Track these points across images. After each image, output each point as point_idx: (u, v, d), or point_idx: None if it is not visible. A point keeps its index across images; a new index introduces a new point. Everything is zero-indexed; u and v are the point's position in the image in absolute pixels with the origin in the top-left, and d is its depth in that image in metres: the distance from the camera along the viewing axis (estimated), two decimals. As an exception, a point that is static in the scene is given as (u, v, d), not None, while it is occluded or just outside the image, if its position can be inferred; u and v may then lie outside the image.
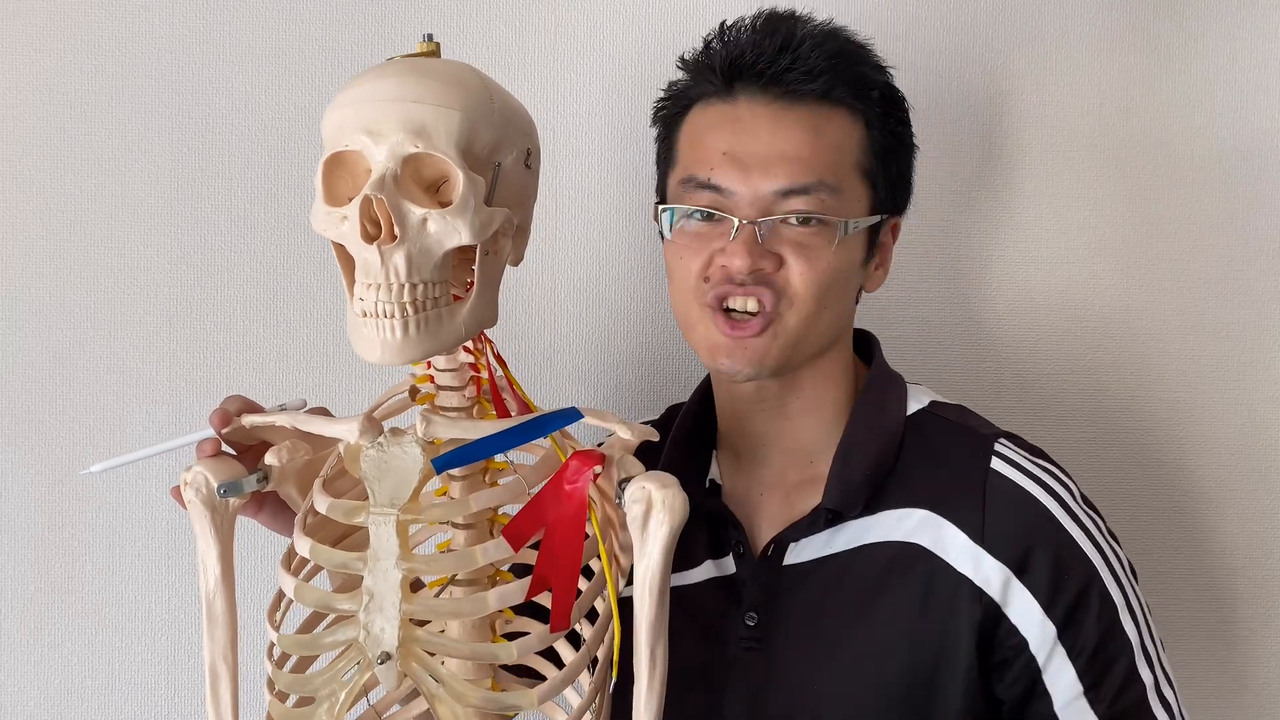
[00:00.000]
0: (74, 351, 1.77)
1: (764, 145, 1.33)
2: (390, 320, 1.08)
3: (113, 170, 1.77)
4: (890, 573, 1.33)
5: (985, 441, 1.37)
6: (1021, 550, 1.31)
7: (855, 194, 1.36)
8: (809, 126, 1.34)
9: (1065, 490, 1.36)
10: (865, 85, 1.37)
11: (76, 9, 1.77)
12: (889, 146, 1.39)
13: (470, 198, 1.08)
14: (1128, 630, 1.34)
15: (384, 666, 1.12)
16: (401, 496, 1.14)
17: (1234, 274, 1.72)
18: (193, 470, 1.21)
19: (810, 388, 1.41)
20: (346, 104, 1.10)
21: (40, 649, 1.78)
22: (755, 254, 1.32)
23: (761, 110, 1.35)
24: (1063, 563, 1.32)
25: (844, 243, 1.34)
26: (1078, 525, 1.34)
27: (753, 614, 1.36)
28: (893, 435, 1.39)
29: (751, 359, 1.34)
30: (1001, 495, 1.33)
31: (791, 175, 1.32)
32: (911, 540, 1.33)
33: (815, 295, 1.33)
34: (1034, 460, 1.37)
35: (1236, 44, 1.72)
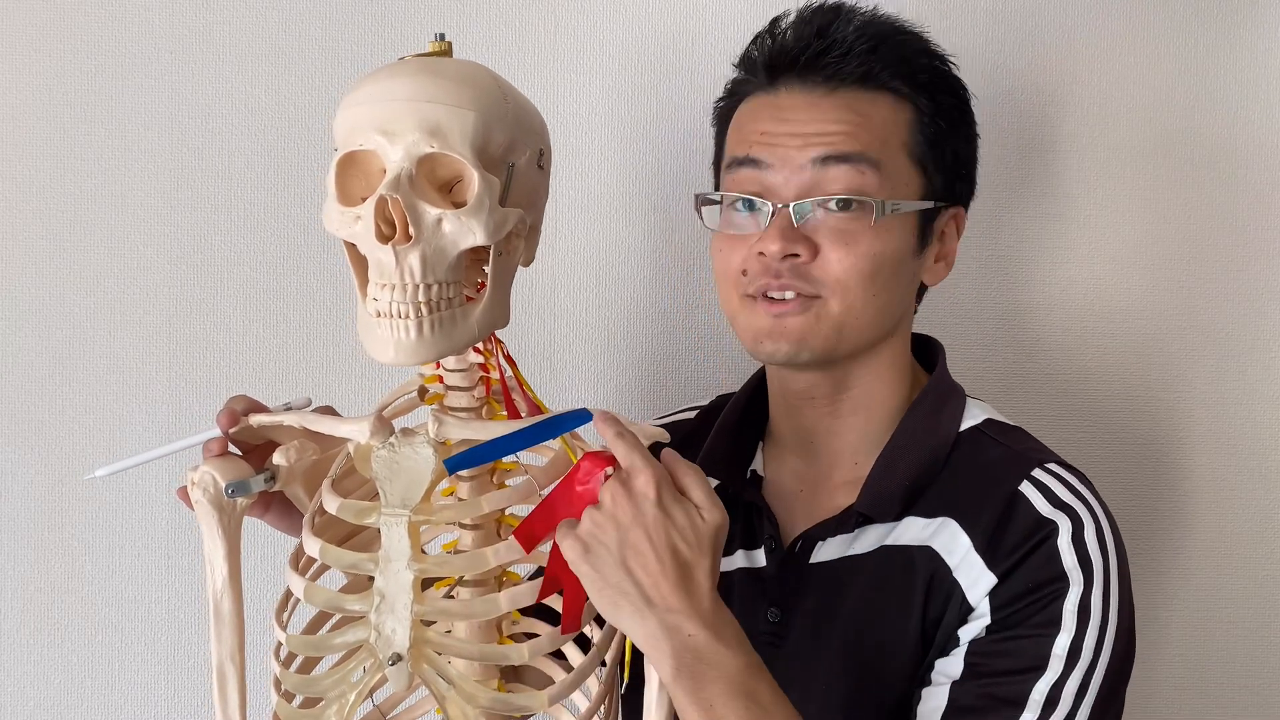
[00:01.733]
0: (74, 351, 1.77)
1: (803, 124, 1.32)
2: (405, 321, 1.08)
3: (113, 170, 1.77)
4: (901, 574, 1.31)
5: (1026, 465, 1.32)
6: (1012, 565, 1.27)
7: (903, 176, 1.33)
8: (850, 108, 1.32)
9: (1089, 523, 1.28)
10: (911, 69, 1.35)
11: (76, 9, 1.76)
12: (941, 132, 1.36)
13: (485, 198, 1.08)
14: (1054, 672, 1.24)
15: (395, 668, 1.12)
16: (413, 497, 1.14)
17: (1234, 274, 1.73)
18: (200, 470, 1.21)
19: (861, 386, 1.38)
20: (360, 103, 1.09)
21: (40, 649, 1.77)
22: (789, 237, 1.29)
23: (801, 98, 1.34)
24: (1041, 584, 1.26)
25: (887, 225, 1.31)
26: (1079, 562, 1.26)
27: (774, 610, 1.36)
28: (940, 448, 1.36)
29: (793, 338, 1.31)
30: (1019, 515, 1.29)
31: (832, 144, 1.31)
32: (925, 543, 1.32)
33: (859, 280, 1.30)
34: (1070, 488, 1.31)
35: (1238, 44, 1.72)
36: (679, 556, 1.10)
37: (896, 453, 1.35)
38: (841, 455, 1.40)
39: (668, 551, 1.09)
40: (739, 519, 1.41)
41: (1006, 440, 1.37)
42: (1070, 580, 1.25)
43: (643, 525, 1.09)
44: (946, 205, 1.38)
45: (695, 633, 1.10)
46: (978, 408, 1.40)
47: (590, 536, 1.10)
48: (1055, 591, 1.25)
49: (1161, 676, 1.74)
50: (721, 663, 1.10)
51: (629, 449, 1.11)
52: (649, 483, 1.10)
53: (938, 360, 1.43)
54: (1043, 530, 1.27)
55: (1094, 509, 1.30)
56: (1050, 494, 1.30)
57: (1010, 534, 1.28)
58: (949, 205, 1.38)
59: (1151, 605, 1.74)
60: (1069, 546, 1.26)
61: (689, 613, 1.10)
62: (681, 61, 1.74)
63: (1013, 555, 1.27)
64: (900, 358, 1.40)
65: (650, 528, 1.09)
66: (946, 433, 1.37)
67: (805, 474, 1.42)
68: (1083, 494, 1.30)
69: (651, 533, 1.09)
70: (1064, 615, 1.24)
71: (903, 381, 1.40)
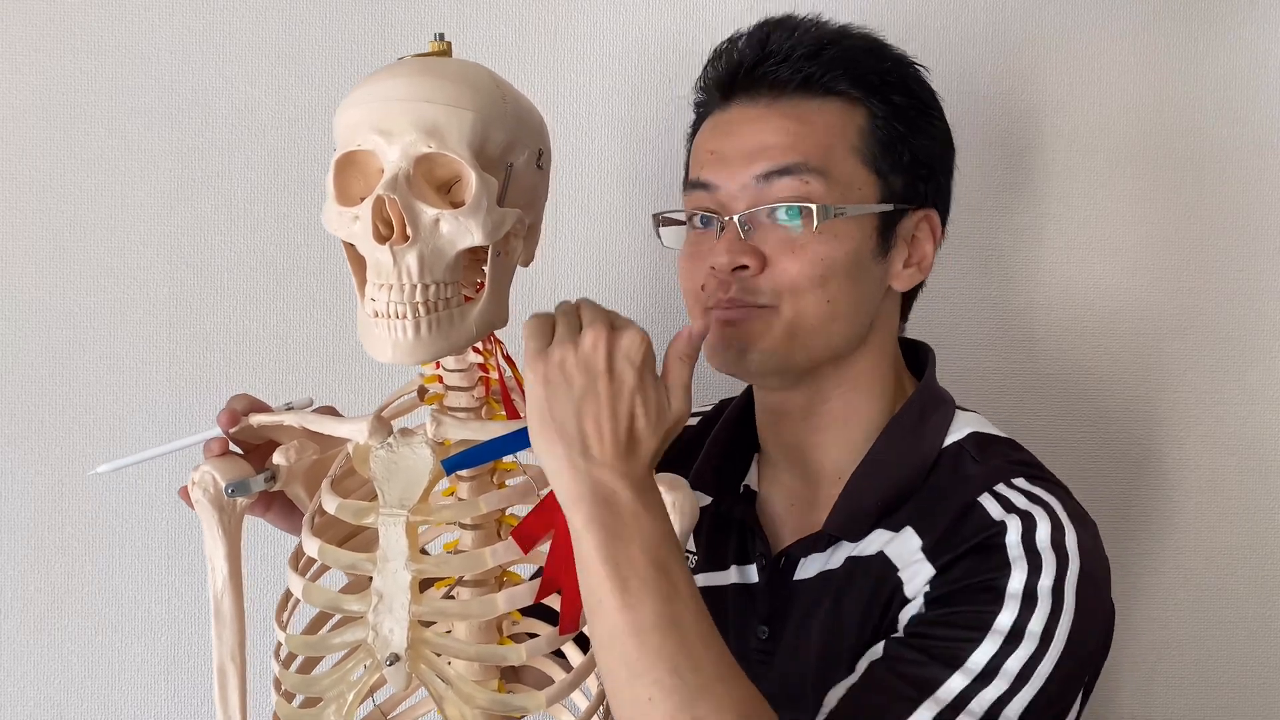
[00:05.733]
0: (74, 351, 1.77)
1: (747, 140, 1.33)
2: (402, 321, 1.08)
3: (113, 170, 1.77)
4: (861, 584, 1.29)
5: (994, 478, 1.28)
6: (953, 558, 1.24)
7: (854, 180, 1.32)
8: (793, 116, 1.32)
9: (1042, 523, 1.23)
10: (859, 70, 1.33)
11: (76, 9, 1.76)
12: (898, 135, 1.34)
13: (483, 198, 1.08)
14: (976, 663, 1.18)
15: (393, 668, 1.12)
16: (411, 497, 1.14)
17: (1234, 274, 1.73)
18: (200, 470, 1.22)
19: (838, 399, 1.36)
20: (359, 103, 1.09)
21: (40, 649, 1.77)
22: (736, 249, 1.29)
23: (749, 111, 1.34)
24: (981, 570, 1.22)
25: (835, 230, 1.29)
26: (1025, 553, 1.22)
27: (764, 626, 1.35)
28: (920, 465, 1.33)
29: (738, 343, 1.30)
30: (971, 519, 1.25)
31: (772, 158, 1.30)
32: (881, 550, 1.29)
33: (809, 285, 1.29)
34: (1031, 496, 1.26)
35: (1238, 44, 1.72)
36: (634, 426, 1.09)
37: (869, 473, 1.33)
38: (825, 470, 1.38)
39: (626, 417, 1.08)
40: (732, 537, 1.41)
41: (986, 456, 1.32)
42: (1013, 566, 1.21)
43: (614, 384, 1.08)
44: (911, 208, 1.36)
45: (622, 492, 1.07)
46: (965, 420, 1.37)
47: (557, 368, 1.09)
48: (997, 577, 1.21)
49: (1161, 676, 1.74)
50: (641, 526, 1.07)
51: (628, 319, 1.11)
52: (636, 348, 1.09)
53: (925, 369, 1.40)
54: (990, 529, 1.23)
55: (1054, 512, 1.25)
56: (1007, 502, 1.26)
57: (958, 534, 1.25)
58: (914, 208, 1.36)
59: (1151, 605, 1.74)
60: (1017, 541, 1.22)
61: (621, 473, 1.08)
62: (681, 62, 1.74)
63: (954, 550, 1.24)
64: (879, 368, 1.37)
65: (619, 388, 1.08)
66: (927, 450, 1.34)
67: (795, 489, 1.40)
68: (1044, 500, 1.26)
69: (619, 394, 1.08)
70: (1006, 596, 1.19)
71: (884, 393, 1.37)
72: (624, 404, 1.08)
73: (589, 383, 1.08)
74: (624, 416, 1.08)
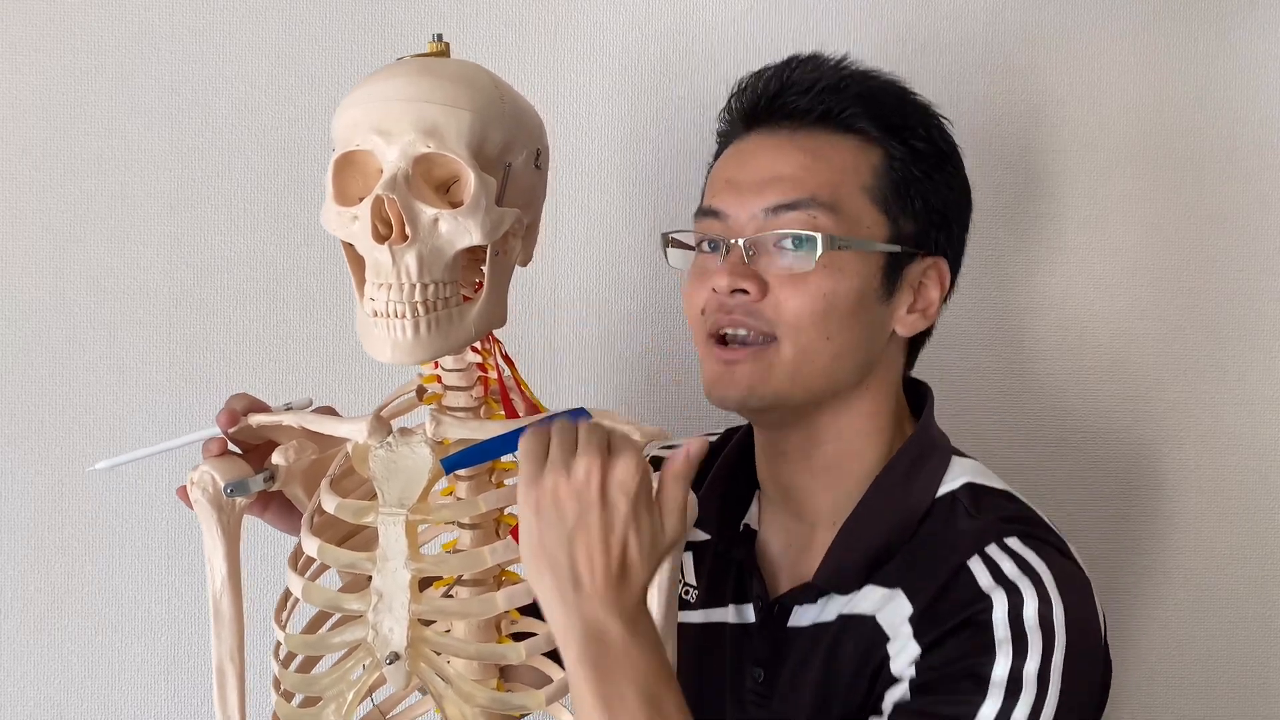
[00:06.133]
0: (74, 351, 1.77)
1: (761, 169, 1.32)
2: (401, 320, 1.08)
3: (113, 170, 1.77)
4: (853, 643, 1.28)
5: (985, 538, 1.26)
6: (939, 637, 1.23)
7: (862, 219, 1.31)
8: (808, 150, 1.32)
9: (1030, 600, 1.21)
10: (879, 110, 1.33)
11: (76, 9, 1.76)
12: (912, 179, 1.33)
13: (481, 198, 1.08)
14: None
15: (392, 667, 1.13)
16: (410, 497, 1.14)
17: (1234, 274, 1.73)
18: (199, 470, 1.22)
19: (835, 442, 1.34)
20: (358, 103, 1.10)
21: (40, 649, 1.77)
22: (738, 273, 1.29)
23: (767, 140, 1.34)
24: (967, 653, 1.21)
25: (839, 264, 1.29)
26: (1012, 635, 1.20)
27: (758, 669, 1.34)
28: (910, 517, 1.30)
29: (742, 385, 1.30)
30: (958, 588, 1.23)
31: (782, 192, 1.30)
32: (872, 614, 1.28)
33: (810, 319, 1.28)
34: (1022, 564, 1.24)
35: (1237, 44, 1.72)
36: (626, 557, 1.07)
37: (859, 525, 1.31)
38: (822, 514, 1.36)
39: (619, 548, 1.06)
40: (731, 575, 1.40)
41: (979, 510, 1.30)
42: (999, 651, 1.19)
43: (606, 516, 1.06)
44: (919, 253, 1.34)
45: (613, 627, 1.06)
46: (960, 468, 1.35)
47: (549, 497, 1.06)
48: (982, 662, 1.20)
49: (1161, 676, 1.74)
50: (633, 662, 1.06)
51: (624, 440, 1.09)
52: (630, 477, 1.06)
53: (922, 413, 1.38)
54: (977, 604, 1.21)
55: (1043, 585, 1.22)
56: (996, 570, 1.24)
57: (944, 605, 1.23)
58: (923, 254, 1.35)
59: (1151, 605, 1.74)
60: (1004, 621, 1.20)
61: (612, 606, 1.06)
62: (681, 63, 1.75)
63: (941, 626, 1.22)
64: (879, 413, 1.36)
65: (612, 520, 1.06)
66: (919, 500, 1.32)
67: (793, 530, 1.39)
68: (1034, 569, 1.23)
69: (611, 525, 1.06)
70: (990, 685, 1.18)
71: (882, 437, 1.36)
72: (616, 535, 1.06)
73: (581, 514, 1.06)
74: (616, 548, 1.06)
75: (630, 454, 1.07)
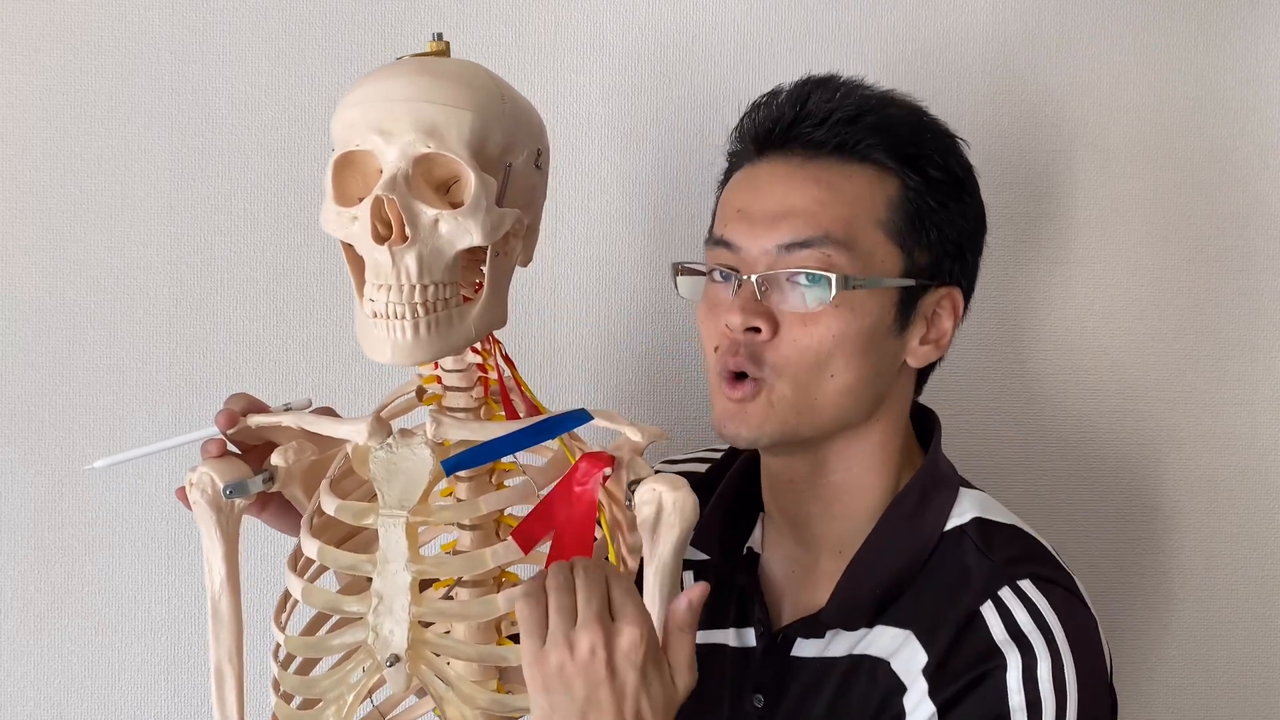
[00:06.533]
0: (74, 351, 1.77)
1: (774, 201, 1.31)
2: (401, 321, 1.08)
3: (113, 170, 1.77)
4: (865, 685, 1.28)
5: (997, 581, 1.26)
6: (952, 697, 1.22)
7: (876, 253, 1.30)
8: (822, 182, 1.30)
9: (1043, 659, 1.22)
10: (895, 140, 1.32)
11: (76, 9, 1.76)
12: (929, 209, 1.32)
13: (482, 198, 1.08)
14: None
15: (393, 669, 1.13)
16: (411, 498, 1.14)
17: (1234, 274, 1.72)
18: (198, 471, 1.21)
19: (844, 472, 1.34)
20: (357, 103, 1.10)
21: (40, 649, 1.77)
22: (750, 310, 1.28)
23: (780, 169, 1.33)
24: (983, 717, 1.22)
25: (852, 303, 1.28)
26: (1026, 704, 1.21)
27: (759, 695, 1.34)
28: (918, 552, 1.30)
29: (751, 424, 1.29)
30: (972, 638, 1.24)
31: (795, 230, 1.29)
32: (886, 658, 1.27)
33: (812, 361, 1.28)
34: (1035, 614, 1.24)
35: (1237, 44, 1.72)
36: None
37: (867, 561, 1.31)
38: (827, 542, 1.36)
39: (632, 716, 1.06)
40: (733, 597, 1.39)
41: (988, 547, 1.30)
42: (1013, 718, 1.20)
43: (616, 690, 1.05)
44: (933, 284, 1.34)
45: None
46: (969, 501, 1.34)
47: (556, 676, 1.05)
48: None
49: (1161, 676, 1.74)
50: None
51: (625, 595, 1.07)
52: (635, 647, 1.05)
53: (931, 443, 1.37)
54: (990, 661, 1.22)
55: (1055, 641, 1.23)
56: (1010, 620, 1.24)
57: (958, 658, 1.23)
58: (937, 285, 1.34)
59: (1151, 605, 1.74)
60: (1018, 684, 1.21)
61: None
62: (681, 62, 1.74)
63: (955, 683, 1.22)
64: (888, 444, 1.36)
65: (623, 693, 1.05)
66: (927, 535, 1.31)
67: (797, 556, 1.38)
68: (1047, 622, 1.24)
69: (623, 696, 1.05)
70: None
71: (890, 468, 1.36)
72: (629, 707, 1.06)
73: (591, 692, 1.05)
74: (630, 716, 1.06)
75: (633, 620, 1.06)
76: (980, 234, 1.40)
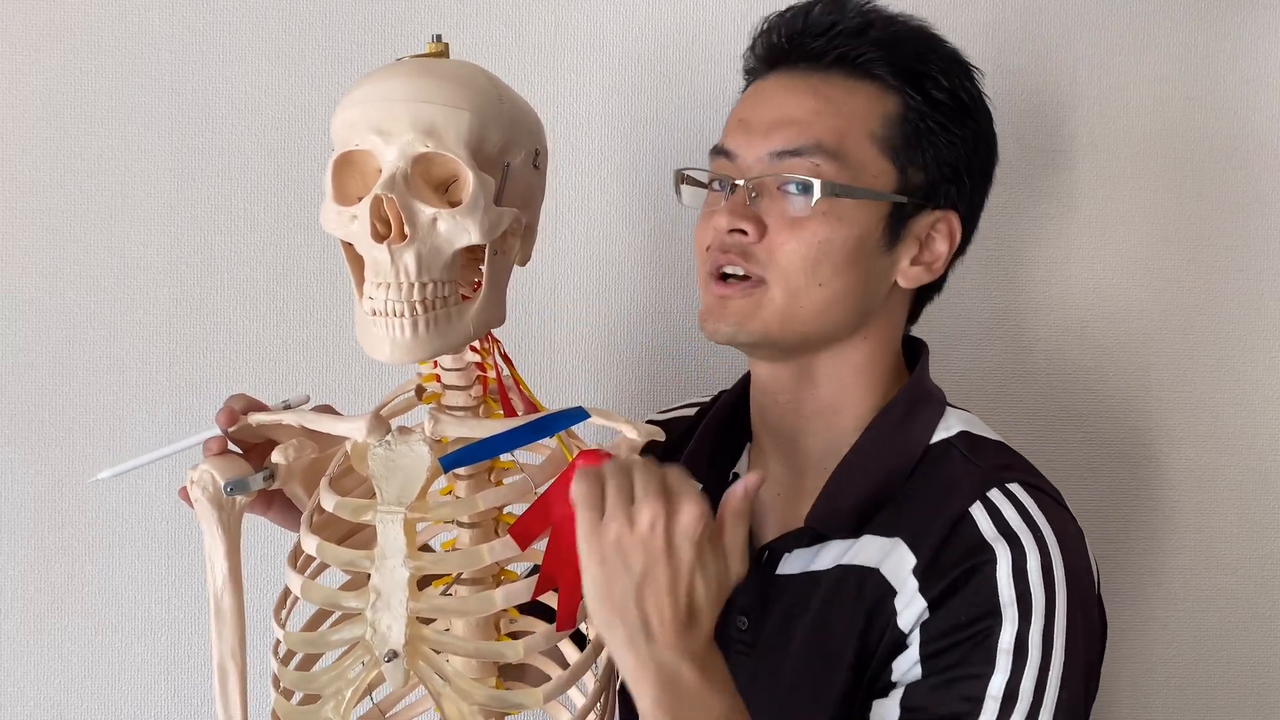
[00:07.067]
0: (74, 351, 1.77)
1: (772, 111, 1.32)
2: (400, 319, 1.08)
3: (113, 170, 1.77)
4: (853, 594, 1.28)
5: (984, 485, 1.27)
6: (943, 592, 1.23)
7: (868, 168, 1.30)
8: (821, 94, 1.31)
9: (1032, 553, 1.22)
10: (899, 56, 1.32)
11: (76, 9, 1.77)
12: (928, 130, 1.32)
13: (480, 198, 1.09)
14: None
15: (390, 664, 1.13)
16: (409, 495, 1.14)
17: (1234, 274, 1.72)
18: (199, 468, 1.22)
19: (829, 386, 1.35)
20: (356, 103, 1.10)
21: (40, 649, 1.77)
22: (738, 214, 1.29)
23: (783, 81, 1.35)
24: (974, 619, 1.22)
25: (838, 212, 1.29)
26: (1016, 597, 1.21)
27: (743, 618, 1.34)
28: (904, 462, 1.31)
29: (731, 319, 1.30)
30: (961, 536, 1.24)
31: (788, 138, 1.30)
32: (875, 566, 1.27)
33: (801, 265, 1.28)
34: (1023, 512, 1.25)
35: (1238, 44, 1.72)
36: (693, 602, 1.06)
37: (853, 467, 1.32)
38: (811, 460, 1.36)
39: (685, 596, 1.06)
40: None
41: (975, 456, 1.31)
42: (1004, 616, 1.20)
43: (673, 565, 1.05)
44: (928, 206, 1.34)
45: (685, 671, 1.06)
46: (955, 418, 1.36)
47: (613, 548, 1.05)
48: (987, 629, 1.21)
49: (1161, 676, 1.74)
50: (706, 704, 1.07)
51: (682, 479, 1.07)
52: (694, 524, 1.05)
53: (917, 364, 1.38)
54: (980, 555, 1.22)
55: (1043, 538, 1.24)
56: (999, 517, 1.25)
57: (947, 555, 1.24)
58: (932, 207, 1.34)
59: (1150, 605, 1.74)
60: (1008, 578, 1.21)
61: (684, 652, 1.06)
62: (681, 62, 1.75)
63: (945, 579, 1.23)
64: (877, 363, 1.36)
65: (679, 569, 1.05)
66: (913, 446, 1.32)
67: (782, 479, 1.39)
68: (1035, 521, 1.25)
69: (679, 574, 1.05)
70: (998, 654, 1.20)
71: (877, 387, 1.36)
72: (683, 583, 1.05)
73: (648, 566, 1.05)
74: (684, 595, 1.06)
75: (692, 499, 1.06)
76: (985, 163, 1.39)
